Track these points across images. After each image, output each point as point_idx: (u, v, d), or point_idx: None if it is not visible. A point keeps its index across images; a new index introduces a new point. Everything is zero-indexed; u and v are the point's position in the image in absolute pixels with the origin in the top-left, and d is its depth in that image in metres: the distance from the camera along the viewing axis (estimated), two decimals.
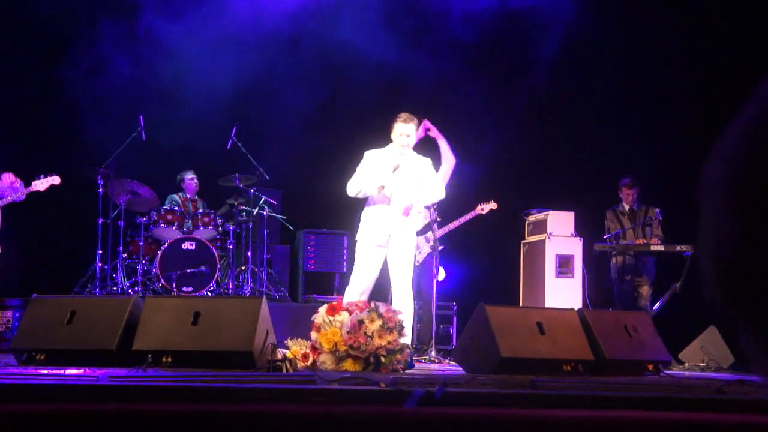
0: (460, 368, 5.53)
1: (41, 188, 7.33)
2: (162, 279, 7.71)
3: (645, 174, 8.40)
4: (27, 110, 8.81)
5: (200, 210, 8.48)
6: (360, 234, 5.99)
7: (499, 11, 9.22)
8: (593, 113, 9.24)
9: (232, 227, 8.34)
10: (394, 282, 5.91)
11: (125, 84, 8.89)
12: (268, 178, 8.55)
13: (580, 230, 7.88)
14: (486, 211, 7.66)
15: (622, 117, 9.34)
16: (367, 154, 5.92)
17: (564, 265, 7.69)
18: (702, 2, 8.75)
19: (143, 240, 8.04)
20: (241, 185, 8.34)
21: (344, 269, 8.76)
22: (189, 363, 4.57)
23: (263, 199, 8.51)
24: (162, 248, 7.82)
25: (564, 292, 7.53)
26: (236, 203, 8.47)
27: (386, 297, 6.62)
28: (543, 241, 7.81)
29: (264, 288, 8.17)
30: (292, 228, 9.08)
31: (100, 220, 7.88)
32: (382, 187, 5.79)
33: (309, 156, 9.23)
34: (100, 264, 7.83)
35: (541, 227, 7.96)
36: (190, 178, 8.73)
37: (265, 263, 8.42)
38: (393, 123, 5.89)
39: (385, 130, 6.06)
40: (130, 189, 8.04)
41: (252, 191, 8.39)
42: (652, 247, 7.69)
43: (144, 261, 8.02)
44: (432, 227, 7.05)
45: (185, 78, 8.84)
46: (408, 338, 5.45)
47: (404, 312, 5.48)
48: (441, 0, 9.44)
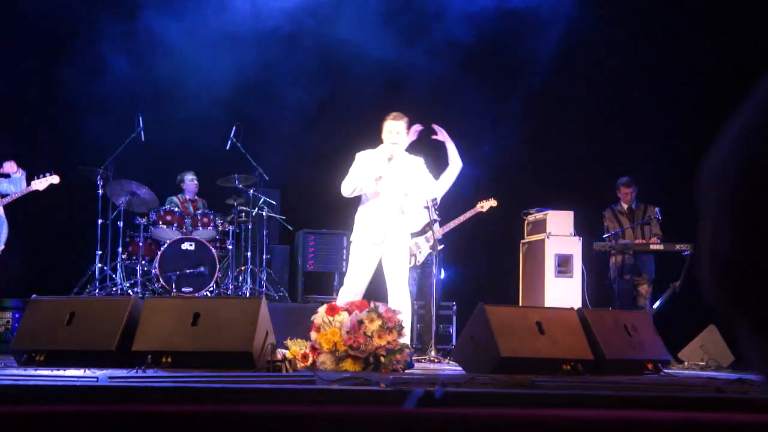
0: (460, 368, 5.53)
1: (40, 188, 7.33)
2: (161, 279, 7.71)
3: (644, 173, 8.39)
4: (26, 111, 8.81)
5: (200, 210, 8.47)
6: (355, 234, 5.97)
7: (498, 11, 9.22)
8: (592, 112, 9.24)
9: (232, 228, 8.34)
10: (390, 282, 5.89)
11: (124, 84, 8.89)
12: (268, 179, 8.55)
13: (580, 230, 7.88)
14: (486, 209, 7.56)
15: (621, 116, 9.35)
16: (359, 155, 5.92)
17: (563, 265, 7.69)
18: (701, 2, 8.76)
19: (143, 241, 8.03)
20: (241, 185, 8.34)
21: (344, 269, 8.73)
22: (188, 364, 4.57)
23: (262, 200, 8.51)
24: (161, 249, 7.82)
25: (563, 292, 7.53)
26: (235, 203, 8.47)
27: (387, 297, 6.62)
28: (542, 241, 7.81)
29: (263, 288, 8.17)
30: (292, 228, 9.08)
31: (100, 221, 7.89)
32: (380, 178, 5.78)
33: (308, 156, 9.23)
34: (100, 265, 7.83)
35: (541, 227, 7.96)
36: (190, 179, 8.72)
37: (265, 263, 8.42)
38: (383, 122, 5.90)
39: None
40: (130, 189, 8.05)
41: (251, 191, 8.39)
42: (652, 246, 7.69)
43: (143, 262, 8.01)
44: (432, 227, 7.04)
45: (184, 78, 8.84)
46: (407, 338, 5.44)
47: (402, 312, 5.47)
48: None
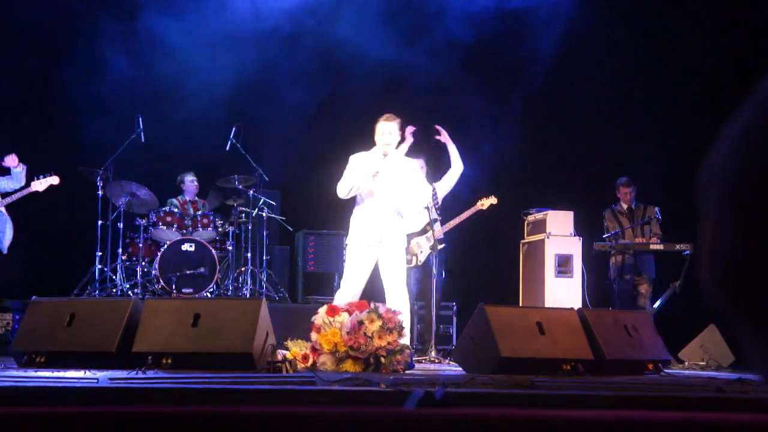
0: (460, 368, 5.53)
1: (40, 188, 7.33)
2: (162, 281, 7.70)
3: (644, 173, 8.39)
4: (26, 111, 8.81)
5: (200, 211, 8.47)
6: (351, 235, 5.97)
7: (498, 11, 9.22)
8: (592, 112, 9.24)
9: (232, 228, 8.34)
10: (388, 283, 5.87)
11: (124, 85, 8.89)
12: (267, 179, 8.55)
13: (580, 230, 7.87)
14: (486, 206, 7.50)
15: (621, 116, 9.35)
16: (353, 158, 5.94)
17: (563, 265, 7.68)
18: (701, 2, 8.76)
19: (143, 242, 8.03)
20: (240, 186, 8.34)
21: (344, 270, 8.73)
22: (189, 365, 4.57)
23: (262, 200, 8.50)
24: (161, 250, 7.81)
25: (563, 292, 7.52)
26: (235, 204, 8.47)
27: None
28: (542, 241, 7.80)
29: (263, 289, 8.17)
30: (292, 229, 9.08)
31: (100, 222, 7.89)
32: (377, 173, 5.79)
33: (308, 156, 9.23)
34: (100, 266, 7.83)
35: (541, 227, 7.95)
36: (190, 180, 8.71)
37: (265, 264, 8.41)
38: (375, 124, 5.93)
39: None
40: (130, 190, 8.05)
41: (251, 192, 8.39)
42: (652, 246, 7.69)
43: (143, 263, 8.01)
44: (432, 226, 7.04)
45: (184, 79, 8.84)
46: (407, 338, 5.44)
47: (402, 313, 5.46)
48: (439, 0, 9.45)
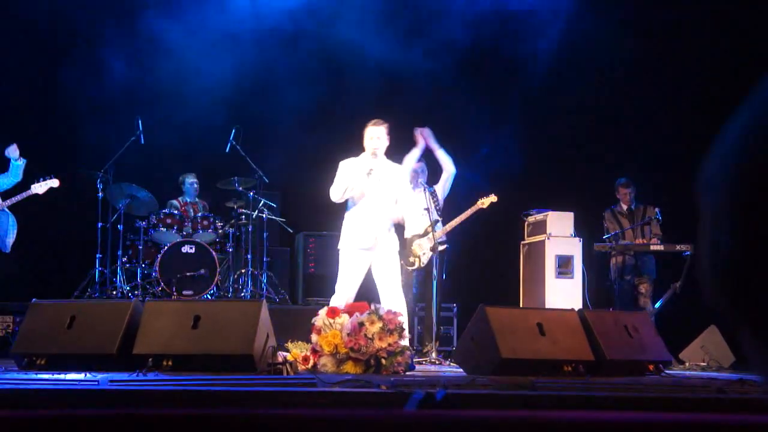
0: (461, 370, 5.53)
1: (40, 191, 7.33)
2: (162, 283, 7.70)
3: (644, 174, 8.39)
4: (27, 114, 8.81)
5: (200, 213, 8.46)
6: (343, 240, 5.96)
7: (497, 12, 9.22)
8: (592, 113, 9.24)
9: (232, 230, 8.34)
10: (382, 287, 5.86)
11: (124, 87, 8.88)
12: (267, 181, 8.55)
13: (580, 231, 7.87)
14: (486, 205, 7.45)
15: (621, 117, 9.34)
16: (343, 163, 5.98)
17: (564, 266, 7.68)
18: (701, 3, 8.76)
19: (143, 244, 8.03)
20: (241, 188, 8.33)
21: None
22: (189, 367, 4.57)
23: (262, 202, 8.50)
24: (162, 252, 7.81)
25: (564, 293, 7.52)
26: (235, 206, 8.46)
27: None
28: (543, 242, 7.79)
29: (264, 291, 8.16)
30: (292, 231, 9.07)
31: (100, 224, 7.88)
32: (371, 171, 5.81)
33: (308, 158, 9.22)
34: (100, 268, 7.82)
35: (541, 228, 7.94)
36: (190, 182, 8.70)
37: (265, 266, 8.40)
38: (364, 129, 5.98)
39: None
40: (130, 193, 8.04)
41: (251, 194, 8.38)
42: (652, 247, 7.68)
43: (144, 265, 8.01)
44: (433, 228, 7.04)
45: (185, 80, 8.83)
46: (406, 340, 5.44)
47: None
48: (439, 1, 9.45)
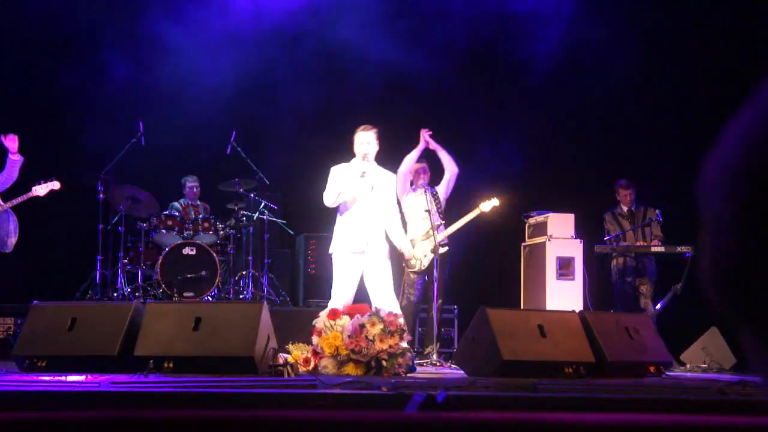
0: (462, 371, 5.53)
1: (41, 193, 7.33)
2: (163, 284, 7.70)
3: (645, 175, 8.39)
4: (28, 116, 8.81)
5: (201, 215, 8.46)
6: (335, 243, 5.95)
7: (498, 14, 9.23)
8: (592, 115, 9.24)
9: (232, 232, 8.34)
10: (374, 291, 5.83)
11: (126, 89, 8.89)
12: (268, 183, 8.55)
13: (581, 232, 7.86)
14: (489, 209, 7.45)
15: (622, 118, 9.34)
16: (334, 169, 6.00)
17: (565, 268, 7.67)
18: (701, 4, 8.76)
19: (144, 246, 8.02)
20: (241, 190, 8.34)
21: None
22: (190, 369, 4.57)
23: (263, 204, 8.50)
24: (162, 254, 7.81)
25: (565, 295, 7.51)
26: (236, 208, 8.46)
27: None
28: (543, 244, 7.78)
29: (265, 293, 8.16)
30: (293, 232, 9.07)
31: (101, 226, 7.89)
32: (364, 173, 5.83)
33: (309, 160, 9.22)
34: (101, 270, 7.83)
35: (542, 229, 7.94)
36: (190, 186, 8.70)
37: (266, 268, 8.40)
38: (354, 135, 6.00)
39: (385, 135, 6.08)
40: (130, 195, 8.04)
41: (252, 196, 8.39)
42: (653, 249, 7.68)
43: (145, 267, 8.01)
44: (434, 231, 7.04)
45: (186, 82, 8.84)
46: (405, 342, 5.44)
47: None
48: (440, 2, 9.45)
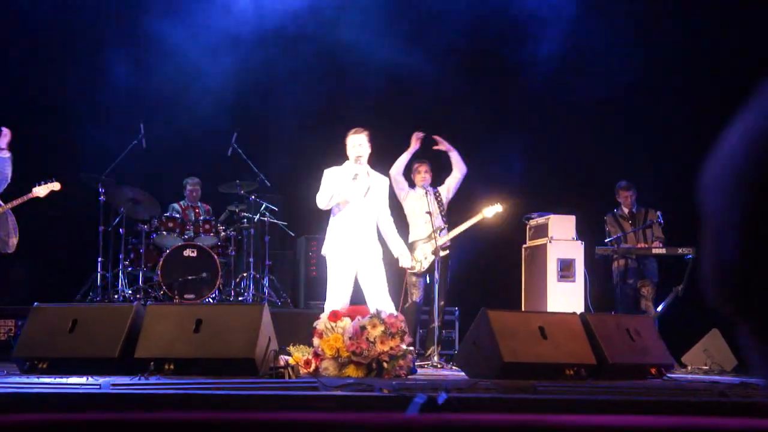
0: (463, 373, 5.53)
1: (41, 194, 7.33)
2: (164, 286, 7.70)
3: (646, 177, 8.38)
4: (29, 117, 8.82)
5: (202, 217, 8.46)
6: (327, 245, 5.95)
7: (498, 15, 9.23)
8: (593, 116, 9.23)
9: (233, 234, 8.34)
10: (369, 293, 5.80)
11: (127, 91, 8.90)
12: (269, 185, 8.55)
13: (582, 234, 7.86)
14: (491, 215, 7.49)
15: (623, 120, 9.34)
16: (327, 171, 6.01)
17: (566, 269, 7.66)
18: (701, 4, 8.76)
19: (144, 247, 8.02)
20: (242, 192, 8.34)
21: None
22: (191, 370, 4.57)
23: (264, 206, 8.50)
24: (163, 255, 7.81)
25: (566, 296, 7.50)
26: (237, 210, 8.46)
27: (397, 305, 6.58)
28: (544, 245, 7.78)
29: (266, 294, 8.16)
30: (294, 234, 9.07)
31: (101, 228, 7.89)
32: (356, 176, 5.84)
33: (310, 161, 9.21)
34: (102, 272, 7.83)
35: (543, 231, 7.93)
36: (190, 188, 8.70)
37: (267, 270, 8.40)
38: (345, 138, 6.01)
39: (385, 137, 6.10)
40: (131, 196, 8.04)
41: (253, 197, 8.39)
42: (654, 250, 7.68)
43: (145, 268, 8.01)
44: (436, 233, 7.05)
45: (187, 84, 8.85)
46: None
47: None
48: (441, 3, 9.45)
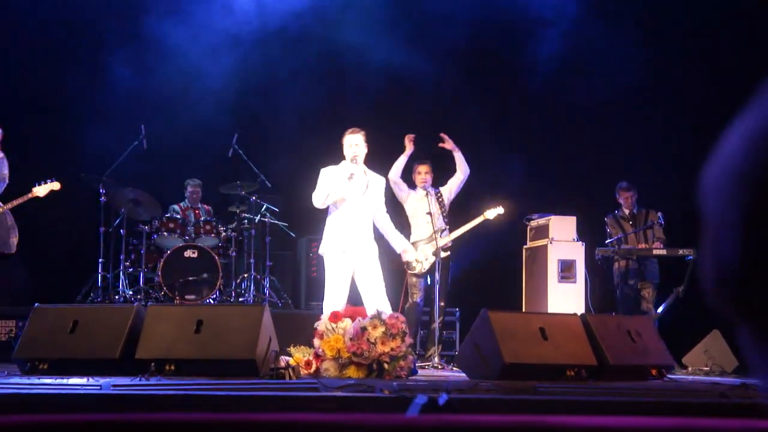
0: (464, 374, 5.53)
1: (41, 194, 7.33)
2: (164, 287, 7.70)
3: (646, 178, 8.38)
4: (30, 118, 8.82)
5: (203, 218, 8.46)
6: (324, 244, 5.95)
7: (498, 16, 9.23)
8: (594, 117, 9.24)
9: (234, 234, 8.34)
10: (366, 292, 5.80)
11: (128, 92, 8.90)
12: (270, 185, 8.55)
13: (582, 235, 7.86)
14: (493, 217, 7.51)
15: (624, 121, 9.34)
16: (323, 170, 6.03)
17: (566, 270, 7.66)
18: (701, 5, 8.76)
19: (145, 248, 8.02)
20: (243, 192, 8.34)
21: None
22: (192, 371, 4.57)
23: (265, 207, 8.51)
24: (164, 256, 7.81)
25: (566, 297, 7.50)
26: (238, 211, 8.46)
27: (396, 305, 6.59)
28: (545, 246, 7.78)
29: (266, 295, 8.16)
30: (294, 235, 9.07)
31: (102, 229, 7.89)
32: (352, 175, 5.85)
33: (311, 162, 9.21)
34: (103, 273, 7.83)
35: (543, 232, 7.93)
36: (191, 190, 8.70)
37: (268, 270, 8.40)
38: (342, 138, 6.03)
39: (386, 138, 6.10)
40: (132, 197, 8.04)
41: (254, 198, 8.39)
42: (655, 251, 7.68)
43: (146, 269, 8.01)
44: (437, 234, 7.05)
45: (187, 85, 8.85)
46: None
47: None
48: (443, 5, 9.45)
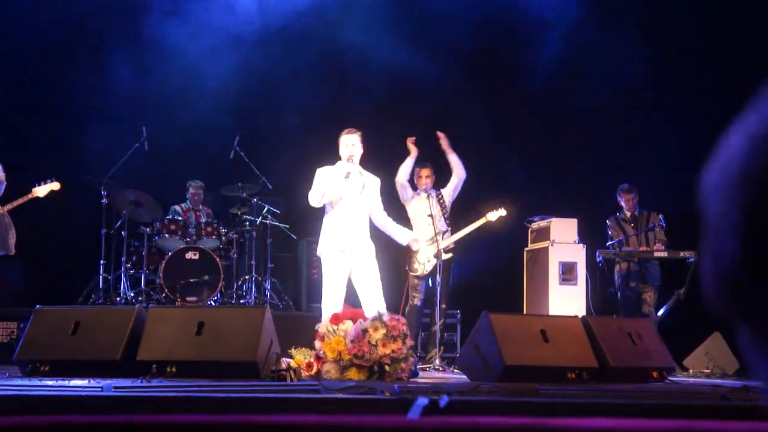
0: (465, 376, 5.53)
1: (41, 194, 7.34)
2: (166, 289, 7.70)
3: (648, 180, 8.38)
4: (30, 119, 8.84)
5: (204, 220, 8.47)
6: (322, 244, 5.96)
7: (500, 18, 9.23)
8: (595, 119, 9.24)
9: (235, 236, 8.34)
10: (362, 292, 5.80)
11: (129, 93, 8.91)
12: (271, 187, 8.55)
13: (584, 237, 7.86)
14: (495, 219, 7.52)
15: (625, 123, 9.34)
16: (320, 170, 6.05)
17: (567, 272, 7.66)
18: (701, 6, 8.77)
19: (147, 250, 8.03)
20: (244, 194, 8.34)
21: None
22: (193, 373, 4.58)
23: (266, 208, 8.51)
24: (165, 258, 7.81)
25: (567, 300, 7.50)
26: (239, 212, 8.47)
27: (397, 307, 6.59)
28: (546, 249, 7.78)
29: (267, 297, 8.16)
30: (295, 237, 9.07)
31: (103, 231, 7.89)
32: (348, 174, 5.86)
33: (312, 164, 9.21)
34: (104, 274, 7.83)
35: (545, 234, 7.93)
36: (193, 192, 8.70)
37: (269, 272, 8.40)
38: (338, 138, 6.04)
39: (388, 138, 6.10)
40: (133, 199, 8.05)
41: (254, 200, 8.39)
42: (656, 254, 7.67)
43: (147, 271, 8.01)
44: (438, 236, 7.05)
45: (189, 86, 8.85)
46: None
47: None
48: (445, 6, 9.46)
